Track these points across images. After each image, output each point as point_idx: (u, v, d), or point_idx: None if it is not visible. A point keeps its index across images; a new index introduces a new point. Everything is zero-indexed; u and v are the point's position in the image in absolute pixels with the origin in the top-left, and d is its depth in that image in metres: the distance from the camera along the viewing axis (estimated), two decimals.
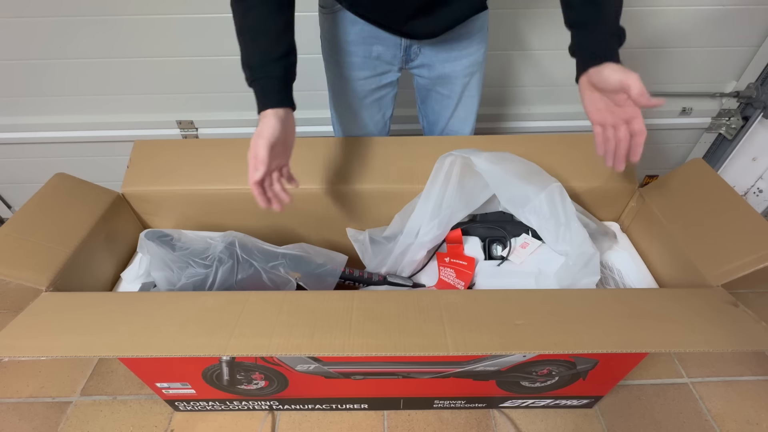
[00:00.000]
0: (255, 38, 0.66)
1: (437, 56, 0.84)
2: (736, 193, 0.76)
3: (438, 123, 0.96)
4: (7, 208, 1.46)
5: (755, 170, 1.34)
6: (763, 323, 0.62)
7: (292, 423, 0.93)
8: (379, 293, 0.68)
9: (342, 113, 0.93)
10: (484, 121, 0.96)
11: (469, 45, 0.83)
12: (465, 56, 0.84)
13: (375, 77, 0.86)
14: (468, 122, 0.95)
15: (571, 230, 0.80)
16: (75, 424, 0.93)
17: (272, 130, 0.63)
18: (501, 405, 0.94)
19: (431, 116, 0.96)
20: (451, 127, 0.95)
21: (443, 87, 0.89)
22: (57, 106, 1.21)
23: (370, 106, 0.91)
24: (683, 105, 1.31)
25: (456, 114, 0.93)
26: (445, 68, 0.85)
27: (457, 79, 0.87)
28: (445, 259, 0.87)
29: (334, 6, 0.78)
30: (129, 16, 1.06)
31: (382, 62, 0.84)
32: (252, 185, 0.65)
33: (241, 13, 0.66)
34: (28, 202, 0.76)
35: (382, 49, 0.82)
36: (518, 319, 0.62)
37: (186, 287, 0.75)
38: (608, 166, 0.69)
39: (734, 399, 0.98)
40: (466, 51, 0.84)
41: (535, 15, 1.11)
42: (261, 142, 0.63)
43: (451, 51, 0.83)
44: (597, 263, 0.77)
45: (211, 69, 1.16)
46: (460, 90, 0.88)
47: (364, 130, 0.95)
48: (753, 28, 1.16)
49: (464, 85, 0.88)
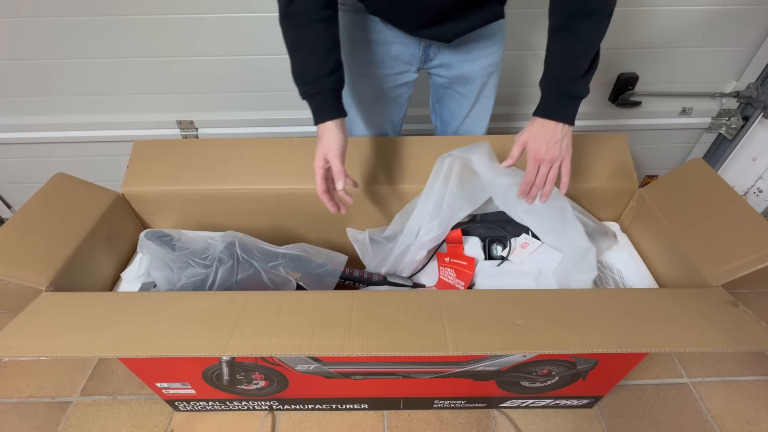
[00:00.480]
0: (308, 54, 0.68)
1: (456, 56, 0.83)
2: (736, 193, 0.76)
3: (452, 122, 0.96)
4: (7, 208, 1.46)
5: (755, 170, 1.34)
6: (763, 323, 0.62)
7: (292, 423, 0.93)
8: (379, 293, 0.68)
9: (355, 112, 0.92)
10: (494, 120, 0.97)
11: (488, 45, 0.83)
12: (484, 57, 0.84)
13: (392, 76, 0.85)
14: (482, 122, 0.95)
15: (567, 225, 0.80)
16: (75, 424, 0.93)
17: (341, 140, 0.69)
18: (501, 405, 0.94)
19: (446, 115, 0.96)
20: (466, 126, 0.95)
21: (461, 86, 0.88)
22: (57, 106, 1.21)
23: (385, 106, 0.90)
24: (683, 105, 1.31)
25: (471, 114, 0.93)
26: (464, 68, 0.85)
27: (476, 79, 0.87)
28: (445, 259, 0.87)
29: (355, 4, 0.77)
30: (129, 16, 1.06)
31: (400, 62, 0.83)
32: (321, 194, 0.72)
33: (292, 30, 0.68)
34: (28, 202, 0.77)
35: (401, 48, 0.81)
36: (518, 319, 0.62)
37: (186, 287, 0.75)
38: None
39: (734, 399, 0.98)
40: (485, 51, 0.84)
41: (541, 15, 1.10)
42: (333, 154, 0.69)
43: (471, 51, 0.83)
44: (593, 259, 0.77)
45: (211, 69, 1.16)
46: (477, 90, 0.88)
47: (376, 130, 0.94)
48: (753, 28, 1.16)
49: (482, 85, 0.88)
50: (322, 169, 0.71)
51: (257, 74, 1.17)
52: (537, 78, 0.71)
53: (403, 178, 0.89)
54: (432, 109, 0.99)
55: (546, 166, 0.71)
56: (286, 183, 0.88)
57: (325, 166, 0.71)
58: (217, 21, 1.07)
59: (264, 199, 0.89)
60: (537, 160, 0.71)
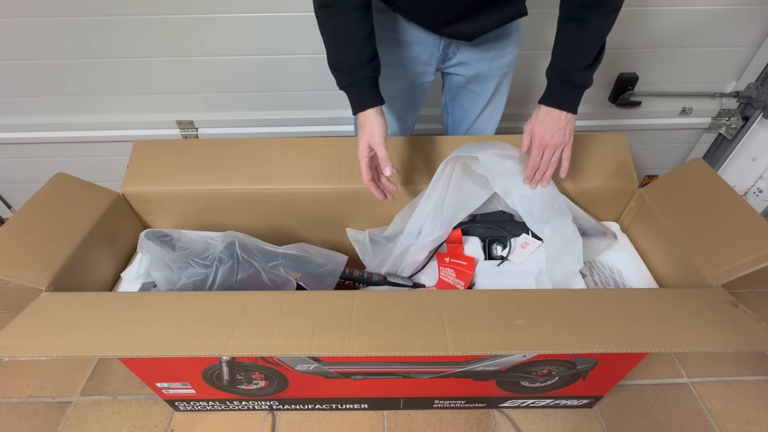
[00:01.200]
0: (347, 42, 0.69)
1: (474, 55, 0.84)
2: (736, 193, 0.76)
3: (464, 121, 0.96)
4: (7, 208, 1.46)
5: (755, 170, 1.34)
6: (763, 323, 0.62)
7: (292, 423, 0.93)
8: (379, 293, 0.68)
9: None
10: (504, 120, 0.97)
11: (506, 45, 0.84)
12: (501, 56, 0.85)
13: (411, 77, 0.86)
14: (493, 121, 0.96)
15: (558, 213, 0.81)
16: (75, 424, 0.93)
17: (383, 126, 0.70)
18: (501, 405, 0.94)
19: (458, 114, 0.96)
20: (477, 125, 0.96)
21: (477, 85, 0.89)
22: (57, 106, 1.21)
23: (400, 106, 0.90)
24: (683, 105, 1.31)
25: (484, 112, 0.93)
26: (482, 67, 0.85)
27: (492, 78, 0.87)
28: (445, 259, 0.87)
29: (376, 3, 0.77)
30: (129, 16, 1.06)
31: (419, 63, 0.84)
32: (368, 182, 0.73)
33: (331, 19, 0.68)
34: (28, 202, 0.76)
35: (420, 49, 0.82)
36: (518, 319, 0.62)
37: (186, 287, 0.75)
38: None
39: (734, 399, 0.98)
40: (503, 51, 0.84)
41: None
42: (378, 141, 0.69)
43: (489, 50, 0.83)
44: (580, 249, 0.78)
45: (211, 69, 1.16)
46: (493, 89, 0.89)
47: (390, 130, 0.94)
48: (753, 28, 1.16)
49: (497, 84, 0.89)
50: (367, 157, 0.71)
51: (257, 74, 1.17)
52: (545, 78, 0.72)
53: (403, 178, 0.89)
54: (444, 108, 0.99)
55: (550, 152, 0.75)
56: (286, 183, 0.88)
57: (370, 154, 0.71)
58: (218, 21, 1.07)
59: (264, 199, 0.89)
60: (542, 146, 0.75)
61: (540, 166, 0.76)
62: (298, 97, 1.23)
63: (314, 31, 0.88)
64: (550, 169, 0.76)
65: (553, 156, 0.75)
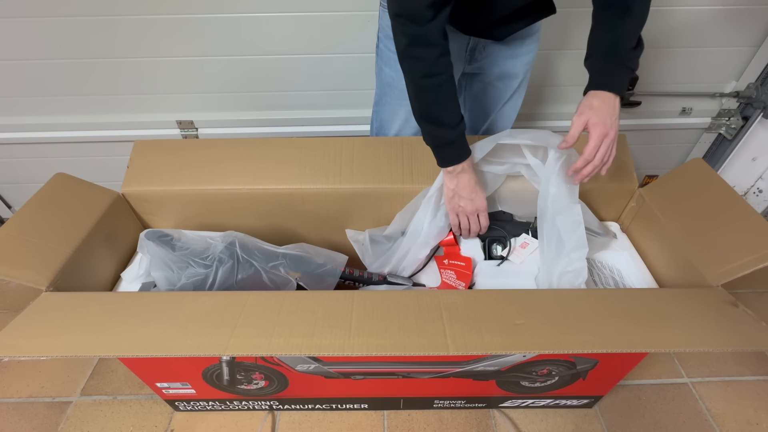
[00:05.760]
0: (451, 105, 0.73)
1: (501, 53, 0.84)
2: (736, 193, 0.76)
3: (481, 118, 0.96)
4: (7, 208, 1.46)
5: (755, 170, 1.34)
6: (763, 323, 0.62)
7: (292, 423, 0.93)
8: (379, 293, 0.68)
9: (390, 111, 0.92)
10: (517, 120, 0.97)
11: (530, 43, 0.84)
12: (525, 54, 0.85)
13: None
14: (510, 119, 0.96)
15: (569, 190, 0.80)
16: (75, 424, 0.93)
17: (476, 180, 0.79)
18: (501, 405, 0.94)
19: (477, 111, 0.96)
20: (495, 123, 0.96)
21: (500, 82, 0.89)
22: (57, 106, 1.21)
23: None
24: (683, 105, 1.31)
25: (503, 110, 0.94)
26: (507, 65, 0.86)
27: (516, 76, 0.88)
28: (444, 261, 0.87)
29: None
30: (129, 16, 1.06)
31: None
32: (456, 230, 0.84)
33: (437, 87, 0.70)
34: (28, 202, 0.76)
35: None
36: (518, 319, 0.62)
37: (186, 287, 0.75)
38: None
39: (734, 399, 0.98)
40: (526, 48, 0.85)
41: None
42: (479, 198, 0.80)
43: (515, 48, 0.84)
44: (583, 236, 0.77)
45: (211, 69, 1.16)
46: (515, 86, 0.90)
47: (412, 130, 0.94)
48: (753, 28, 1.16)
49: (519, 82, 0.89)
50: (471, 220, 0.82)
51: (257, 74, 1.17)
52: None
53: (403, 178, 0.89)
54: (462, 105, 0.97)
55: (608, 142, 0.70)
56: (286, 183, 0.88)
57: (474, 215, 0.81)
58: (218, 21, 1.07)
59: (264, 199, 0.89)
60: (602, 135, 0.70)
61: (595, 160, 0.71)
62: (299, 97, 1.23)
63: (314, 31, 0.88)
64: (611, 158, 0.72)
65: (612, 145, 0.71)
